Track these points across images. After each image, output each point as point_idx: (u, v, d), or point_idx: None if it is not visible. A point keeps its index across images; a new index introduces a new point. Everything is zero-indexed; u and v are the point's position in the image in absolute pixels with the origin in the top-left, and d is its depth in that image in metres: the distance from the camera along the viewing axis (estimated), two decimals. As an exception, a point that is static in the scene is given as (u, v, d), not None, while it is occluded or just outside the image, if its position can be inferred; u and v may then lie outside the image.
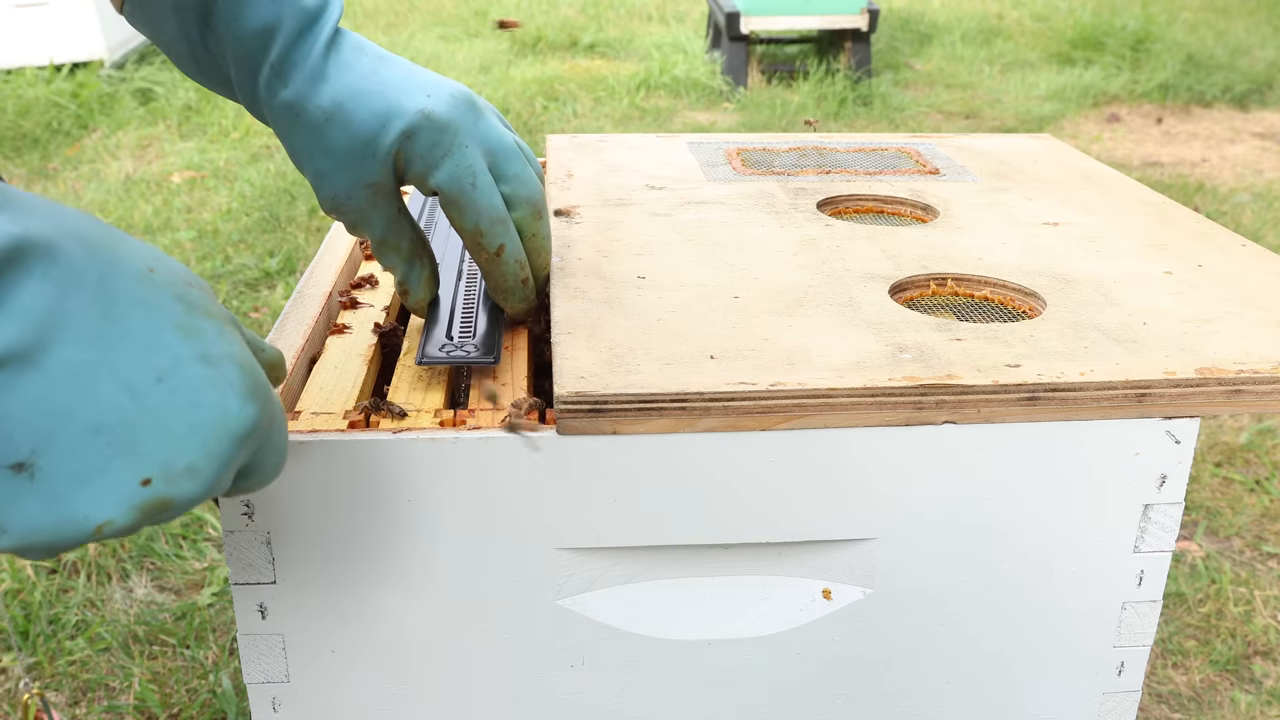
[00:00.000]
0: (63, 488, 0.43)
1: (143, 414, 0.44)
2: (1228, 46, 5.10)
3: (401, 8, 6.20)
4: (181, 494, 0.45)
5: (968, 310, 0.79)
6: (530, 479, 0.66)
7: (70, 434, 0.42)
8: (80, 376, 0.42)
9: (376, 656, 0.70)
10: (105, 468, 0.43)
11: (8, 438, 0.41)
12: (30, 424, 0.41)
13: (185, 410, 0.45)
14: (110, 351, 0.43)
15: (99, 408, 0.43)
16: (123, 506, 0.44)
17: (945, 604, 0.72)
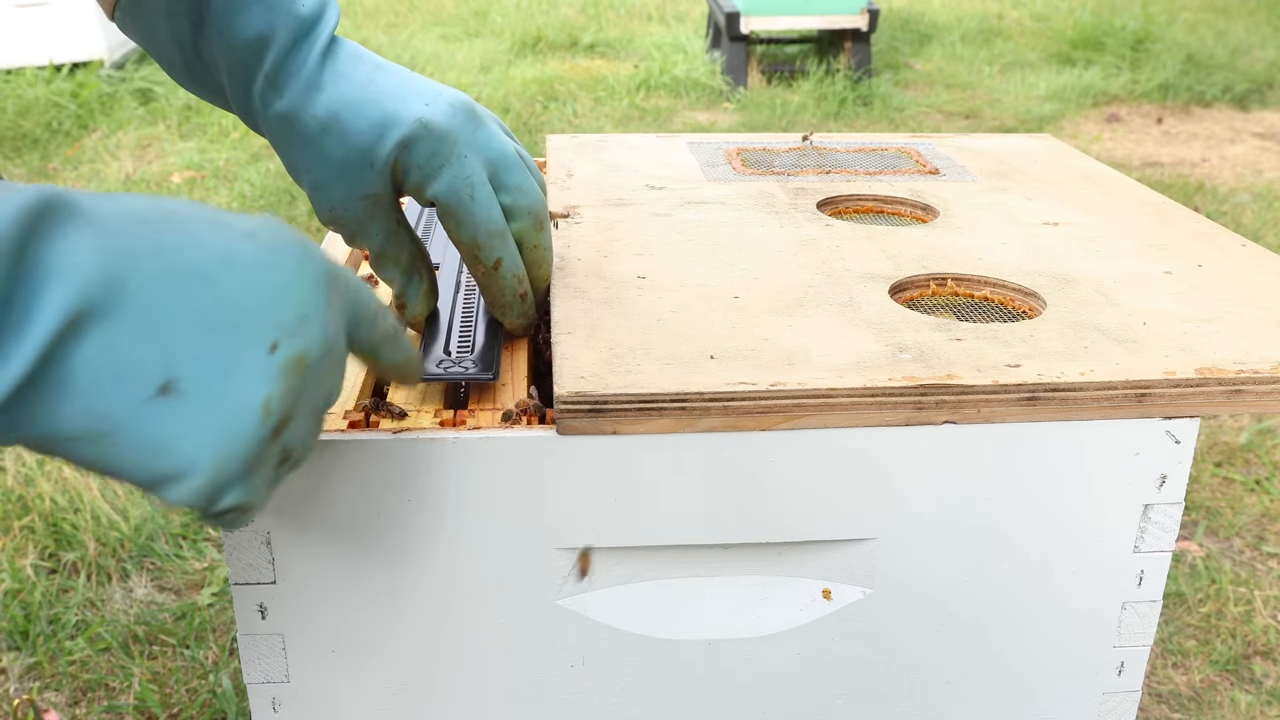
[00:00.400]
0: (211, 385, 0.45)
1: (230, 294, 0.46)
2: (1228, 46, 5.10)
3: (401, 8, 6.20)
4: (311, 344, 0.48)
5: (968, 310, 0.79)
6: (530, 479, 0.66)
7: (184, 337, 0.44)
8: (158, 291, 0.44)
9: (376, 656, 0.70)
10: (233, 352, 0.46)
11: (138, 367, 0.43)
12: (145, 347, 0.43)
13: (260, 274, 0.47)
14: (170, 261, 0.45)
15: (192, 305, 0.45)
16: (270, 377, 0.46)
17: (945, 604, 0.72)
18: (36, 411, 0.42)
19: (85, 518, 1.75)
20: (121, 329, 0.43)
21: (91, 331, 0.42)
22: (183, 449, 0.45)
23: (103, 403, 0.43)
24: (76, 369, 0.42)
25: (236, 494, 0.48)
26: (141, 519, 1.76)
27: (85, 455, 0.44)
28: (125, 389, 0.43)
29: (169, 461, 0.45)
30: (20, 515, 1.76)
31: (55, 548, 1.71)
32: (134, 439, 0.44)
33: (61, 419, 0.43)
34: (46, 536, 1.72)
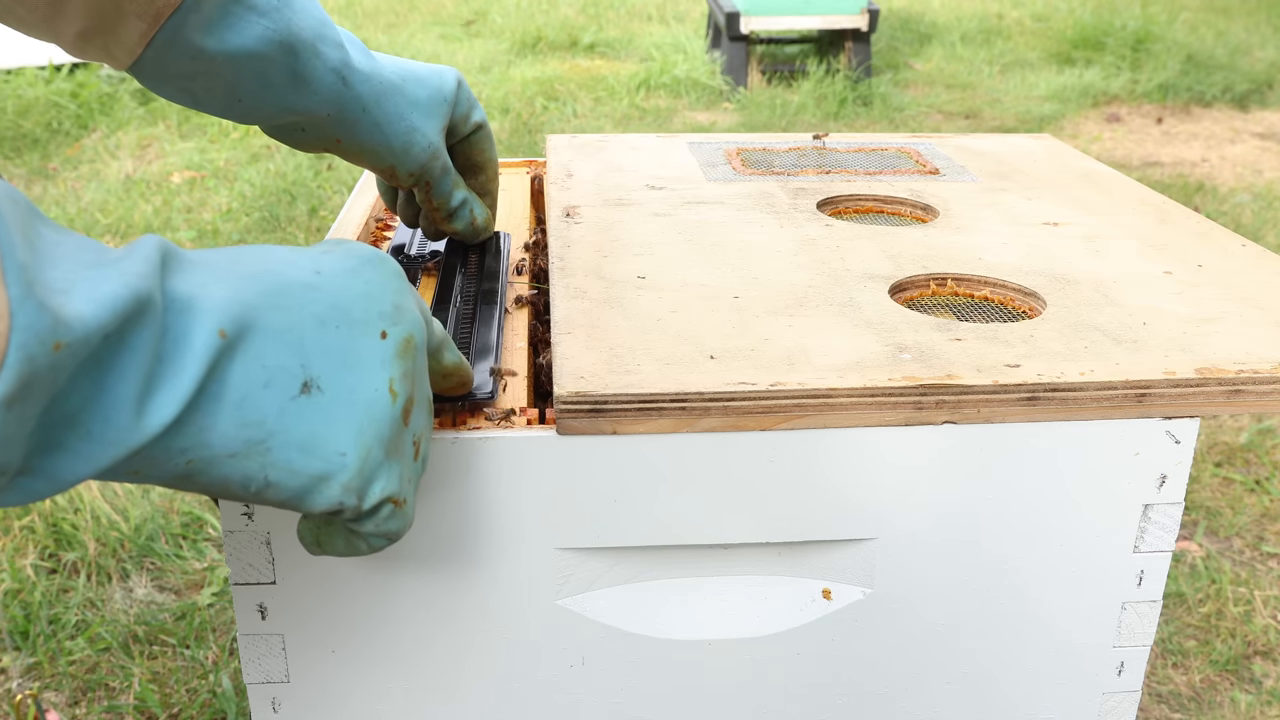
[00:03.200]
0: (342, 378, 0.50)
1: (333, 296, 0.51)
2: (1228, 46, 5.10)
3: (401, 8, 6.20)
4: (412, 327, 0.54)
5: (968, 310, 0.79)
6: (530, 479, 0.66)
7: (310, 339, 0.49)
8: (276, 304, 0.49)
9: (376, 656, 0.70)
10: (352, 345, 0.51)
11: (282, 371, 0.48)
12: (284, 354, 0.48)
13: (351, 276, 0.53)
14: (275, 281, 0.49)
15: (307, 310, 0.50)
16: (388, 361, 0.52)
17: (945, 604, 0.72)
18: (202, 429, 0.45)
19: (85, 518, 1.75)
20: (263, 341, 0.47)
21: (242, 347, 0.46)
22: (330, 443, 0.49)
23: (256, 411, 0.47)
24: (232, 383, 0.46)
25: (383, 484, 0.52)
26: (141, 519, 1.76)
27: (246, 470, 0.47)
28: (274, 393, 0.47)
29: (319, 460, 0.49)
30: (20, 515, 1.76)
31: (55, 548, 1.71)
32: (286, 442, 0.48)
33: (223, 434, 0.46)
34: (46, 536, 1.72)
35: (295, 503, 0.50)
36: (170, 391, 0.43)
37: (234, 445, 0.47)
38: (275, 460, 0.48)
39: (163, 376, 0.43)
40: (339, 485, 0.50)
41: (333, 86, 0.73)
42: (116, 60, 0.68)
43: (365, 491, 0.52)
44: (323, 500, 0.50)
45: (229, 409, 0.46)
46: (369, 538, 0.54)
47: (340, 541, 0.55)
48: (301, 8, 0.71)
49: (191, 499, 1.84)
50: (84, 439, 0.42)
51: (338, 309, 0.51)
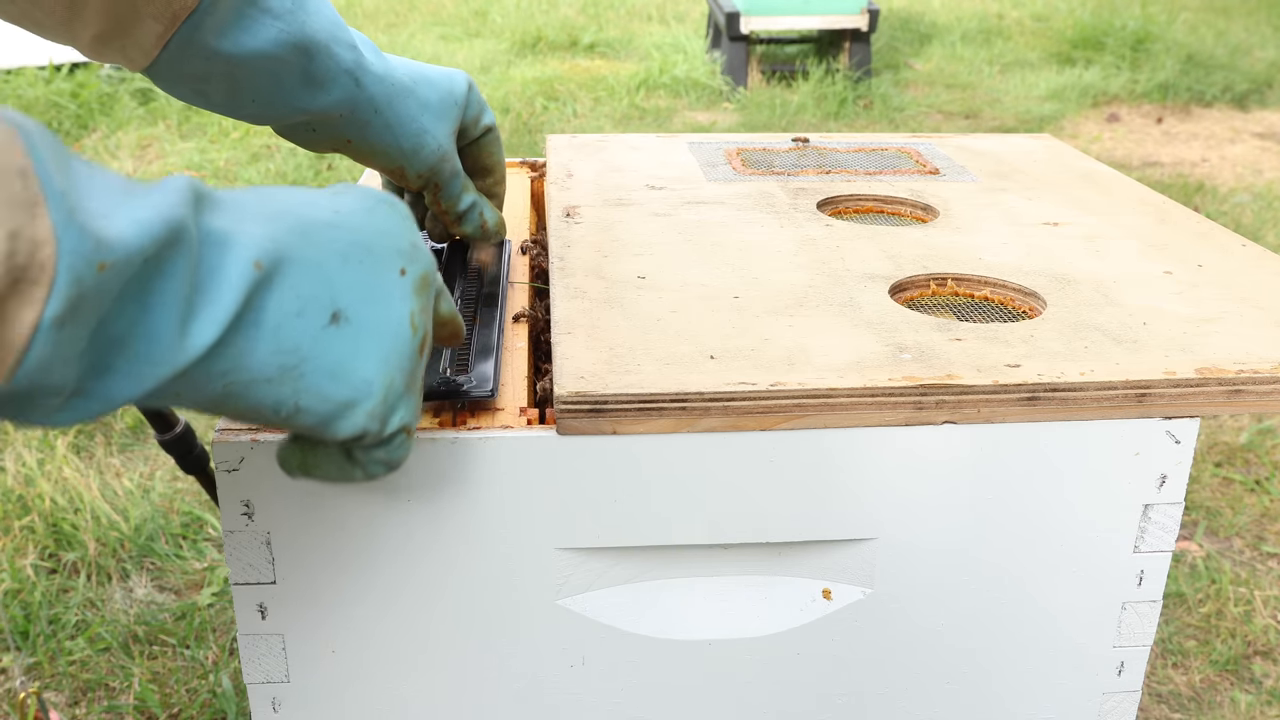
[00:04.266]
0: (367, 310, 0.53)
1: (354, 234, 0.54)
2: (1228, 46, 5.10)
3: (401, 8, 6.20)
4: (427, 264, 0.57)
5: (968, 310, 0.79)
6: (530, 479, 0.66)
7: (337, 272, 0.52)
8: (304, 241, 0.51)
9: (377, 656, 0.70)
10: (375, 279, 0.54)
11: (313, 301, 0.50)
12: (315, 285, 0.51)
13: (368, 216, 0.55)
14: (299, 219, 0.52)
15: (332, 246, 0.52)
16: (407, 295, 0.55)
17: (945, 604, 0.72)
18: (240, 353, 0.48)
19: (85, 518, 1.75)
20: (295, 273, 0.50)
21: (276, 279, 0.49)
22: (357, 371, 0.52)
23: (290, 338, 0.50)
24: (268, 311, 0.49)
25: (402, 414, 0.55)
26: (141, 519, 1.76)
27: (279, 395, 0.50)
28: (306, 322, 0.50)
29: (347, 387, 0.52)
30: (20, 515, 1.76)
31: (55, 548, 1.71)
32: (317, 369, 0.51)
33: (260, 359, 0.49)
34: (46, 536, 1.72)
35: (321, 429, 0.53)
36: (210, 316, 0.46)
37: (269, 370, 0.49)
38: (306, 386, 0.51)
39: (200, 304, 0.46)
40: (364, 412, 0.53)
41: (346, 88, 0.74)
42: (133, 62, 0.69)
43: (388, 419, 0.54)
44: (348, 426, 0.53)
45: (265, 336, 0.49)
46: (372, 465, 0.56)
47: (332, 468, 0.57)
48: (315, 9, 0.71)
49: (191, 499, 1.84)
50: (131, 361, 0.44)
51: (359, 245, 0.54)
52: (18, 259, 0.38)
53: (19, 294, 0.38)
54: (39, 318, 0.39)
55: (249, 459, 0.64)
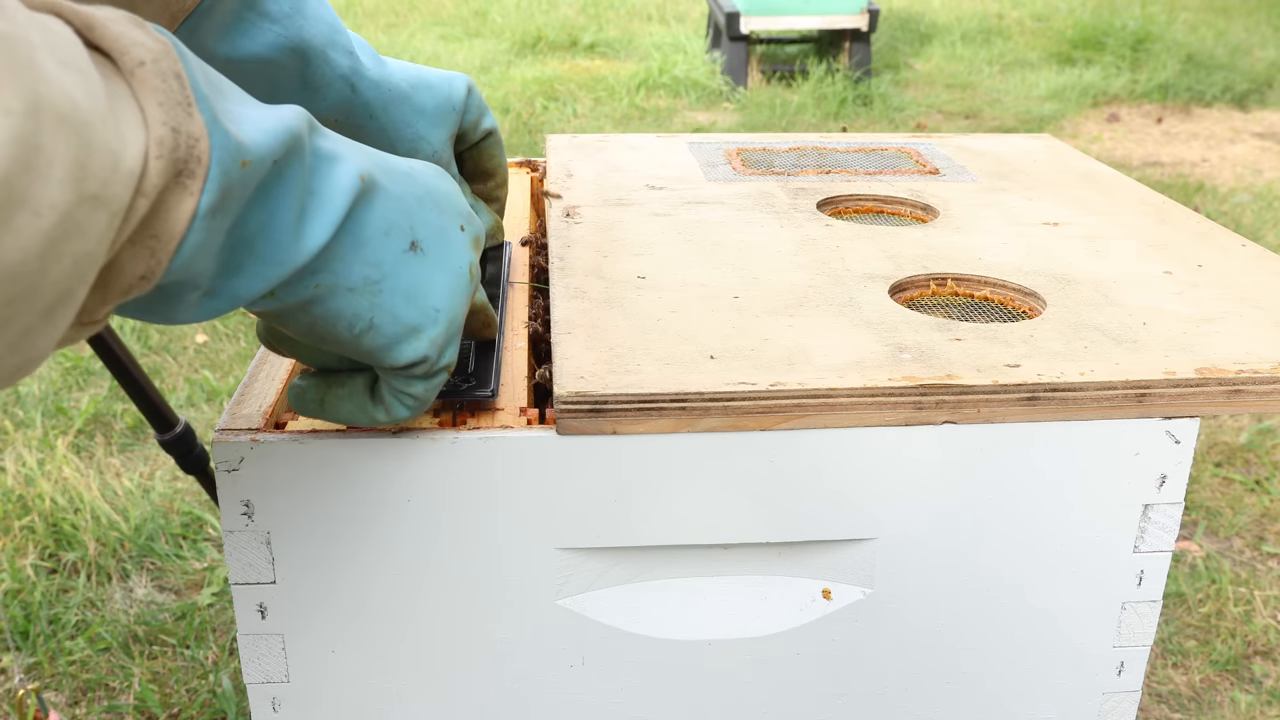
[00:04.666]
0: (438, 249, 0.58)
1: (427, 187, 0.59)
2: (1228, 46, 5.10)
3: (401, 8, 6.20)
4: (480, 228, 0.63)
5: (968, 310, 0.79)
6: (530, 479, 0.66)
7: (415, 211, 0.57)
8: (388, 179, 0.56)
9: (376, 656, 0.70)
10: (444, 226, 0.59)
11: (398, 227, 0.56)
12: (399, 213, 0.56)
13: (437, 177, 0.61)
14: (381, 160, 0.57)
15: (410, 190, 0.57)
16: (467, 247, 0.60)
17: (945, 603, 0.72)
18: (334, 258, 0.52)
19: (85, 518, 1.75)
20: (384, 198, 0.55)
21: (372, 197, 0.54)
22: (429, 297, 0.57)
23: (376, 253, 0.54)
24: (364, 223, 0.54)
25: (452, 351, 0.59)
26: (141, 519, 1.76)
27: (357, 307, 0.54)
28: (392, 242, 0.55)
29: (418, 311, 0.57)
30: (20, 515, 1.76)
31: (55, 548, 1.71)
32: (395, 288, 0.55)
33: (350, 267, 0.53)
34: (46, 536, 1.72)
35: (384, 350, 0.56)
36: (322, 220, 0.51)
37: (355, 279, 0.53)
38: (383, 303, 0.55)
39: (313, 208, 0.50)
40: (428, 338, 0.57)
41: (341, 93, 0.75)
42: None
43: (445, 350, 0.59)
44: (410, 351, 0.57)
45: (359, 246, 0.53)
46: (402, 401, 0.59)
47: (351, 407, 0.61)
48: (313, 14, 0.72)
49: (191, 499, 1.84)
50: (257, 261, 0.49)
51: (431, 195, 0.59)
52: (179, 152, 0.41)
53: (180, 186, 0.42)
54: (196, 206, 0.42)
55: (249, 459, 0.64)
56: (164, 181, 0.41)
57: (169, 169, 0.41)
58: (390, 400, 0.60)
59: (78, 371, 2.27)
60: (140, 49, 0.41)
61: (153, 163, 0.40)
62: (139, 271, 0.42)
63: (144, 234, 0.42)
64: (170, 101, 0.41)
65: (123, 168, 0.39)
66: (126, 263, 0.42)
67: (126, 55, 0.40)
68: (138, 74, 0.41)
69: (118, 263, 0.42)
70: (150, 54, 0.41)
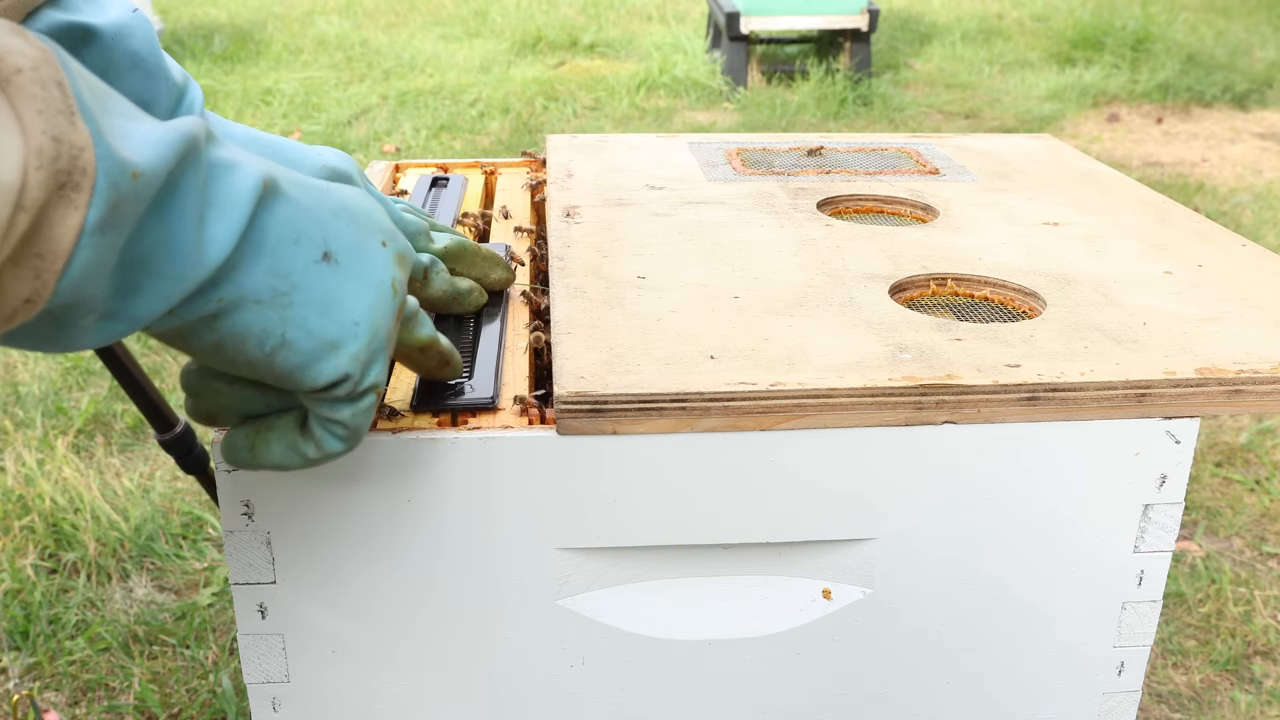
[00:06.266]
0: (354, 261, 0.54)
1: (343, 200, 0.56)
2: (1228, 46, 5.10)
3: (401, 8, 6.20)
4: (404, 246, 0.59)
5: (968, 310, 0.79)
6: (530, 479, 0.66)
7: (328, 221, 0.54)
8: (295, 188, 0.53)
9: (377, 657, 0.70)
10: (362, 240, 0.55)
11: (307, 235, 0.52)
12: (308, 222, 0.52)
13: (355, 194, 0.58)
14: (290, 171, 0.54)
15: (323, 201, 0.54)
16: (390, 263, 0.56)
17: (945, 603, 0.72)
18: (237, 269, 0.49)
19: (85, 518, 1.75)
20: (291, 207, 0.52)
21: (275, 203, 0.51)
22: (346, 311, 0.53)
23: (285, 262, 0.51)
24: (268, 231, 0.50)
25: (379, 369, 0.55)
26: (141, 519, 1.76)
27: (267, 322, 0.51)
28: (301, 251, 0.52)
29: (334, 325, 0.53)
30: (20, 515, 1.76)
31: (55, 548, 1.71)
32: (307, 300, 0.52)
33: (255, 278, 0.50)
34: (46, 536, 1.72)
35: (301, 370, 0.53)
36: (224, 229, 0.48)
37: (261, 291, 0.50)
38: (294, 316, 0.52)
39: (213, 219, 0.47)
40: (348, 354, 0.53)
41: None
42: None
43: (368, 368, 0.55)
44: (329, 369, 0.53)
45: (263, 255, 0.50)
46: (332, 433, 0.56)
47: (283, 447, 0.57)
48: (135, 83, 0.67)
49: (191, 499, 1.83)
50: (155, 278, 0.46)
51: (347, 210, 0.56)
52: (61, 163, 0.39)
53: (64, 199, 0.39)
54: (83, 222, 0.40)
55: (249, 459, 0.64)
56: (46, 195, 0.38)
57: (51, 181, 0.38)
58: (320, 433, 0.56)
59: (78, 371, 2.27)
60: (17, 56, 0.38)
61: (32, 174, 0.38)
62: (23, 294, 0.40)
63: (26, 252, 0.39)
64: (50, 110, 0.38)
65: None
66: (9, 284, 0.39)
67: (2, 63, 0.38)
68: (14, 81, 0.38)
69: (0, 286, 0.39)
70: (29, 61, 0.38)
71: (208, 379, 0.58)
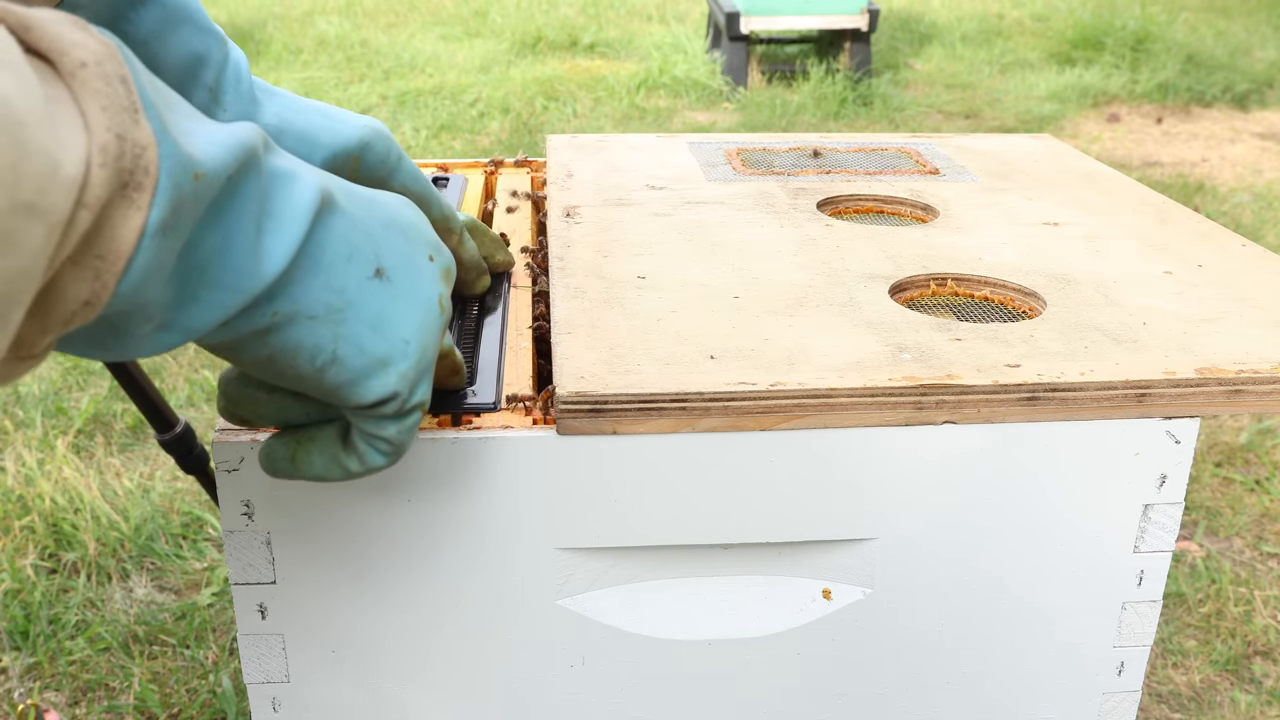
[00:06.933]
0: (405, 277, 0.54)
1: (393, 215, 0.56)
2: (1228, 46, 5.10)
3: (401, 8, 6.20)
4: (450, 261, 0.59)
5: (968, 310, 0.79)
6: (530, 479, 0.66)
7: (380, 237, 0.54)
8: (350, 203, 0.53)
9: (376, 656, 0.70)
10: (411, 255, 0.55)
11: (361, 252, 0.52)
12: (362, 238, 0.52)
13: (404, 207, 0.58)
14: (344, 185, 0.54)
15: (375, 215, 0.54)
16: (437, 279, 0.57)
17: (945, 604, 0.72)
18: (293, 282, 0.48)
19: (85, 518, 1.75)
20: (346, 221, 0.51)
21: (332, 218, 0.50)
22: (397, 328, 0.53)
23: (339, 278, 0.50)
24: (325, 246, 0.50)
25: (425, 387, 0.55)
26: (141, 519, 1.76)
27: (319, 338, 0.50)
28: (355, 268, 0.51)
29: (385, 342, 0.53)
30: (20, 515, 1.76)
31: (55, 548, 1.71)
32: (359, 316, 0.51)
33: (310, 293, 0.49)
34: (46, 536, 1.72)
35: (350, 386, 0.52)
36: (281, 241, 0.47)
37: (316, 307, 0.50)
38: (347, 333, 0.51)
39: (271, 229, 0.47)
40: (397, 372, 0.53)
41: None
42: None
43: (416, 386, 0.54)
44: (378, 387, 0.52)
45: (320, 270, 0.49)
46: (375, 448, 0.55)
47: (324, 460, 0.56)
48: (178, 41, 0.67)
49: (191, 499, 1.83)
50: (212, 288, 0.45)
51: (397, 223, 0.55)
52: (124, 161, 0.38)
53: (126, 199, 0.38)
54: (144, 223, 0.39)
55: (249, 459, 0.64)
56: (108, 193, 0.37)
57: (114, 179, 0.37)
58: (363, 447, 0.55)
59: (78, 371, 2.27)
60: (82, 50, 0.37)
61: (95, 171, 0.37)
62: (82, 296, 0.39)
63: (87, 252, 0.38)
64: (115, 106, 0.38)
65: (61, 174, 0.35)
66: (68, 285, 0.38)
67: (66, 56, 0.37)
68: (79, 76, 0.37)
69: (58, 285, 0.38)
70: (93, 55, 0.38)
71: (248, 388, 0.57)
